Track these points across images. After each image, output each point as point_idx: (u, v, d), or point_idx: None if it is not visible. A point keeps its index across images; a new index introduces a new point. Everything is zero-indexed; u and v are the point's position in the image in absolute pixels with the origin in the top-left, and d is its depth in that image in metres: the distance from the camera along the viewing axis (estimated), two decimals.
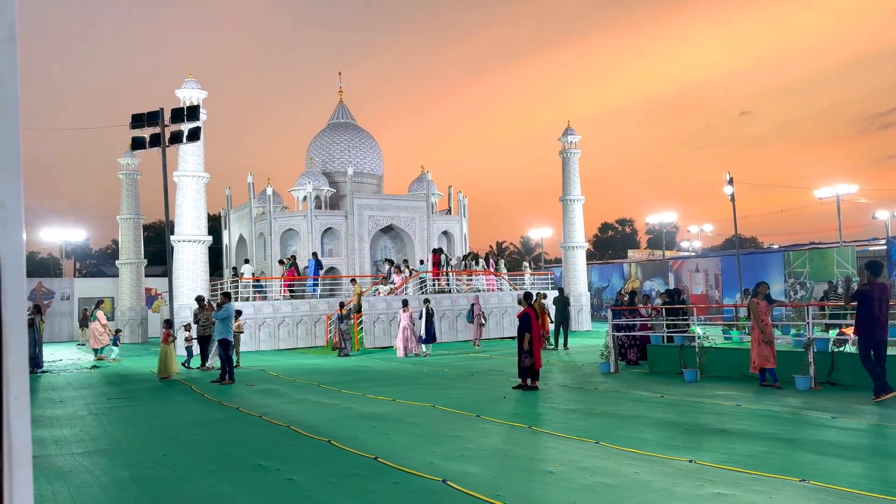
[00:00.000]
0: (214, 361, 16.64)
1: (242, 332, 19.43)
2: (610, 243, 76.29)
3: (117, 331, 22.63)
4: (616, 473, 6.06)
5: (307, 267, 25.70)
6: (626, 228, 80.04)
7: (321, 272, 25.81)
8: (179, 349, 18.02)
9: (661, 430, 8.05)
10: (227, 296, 15.09)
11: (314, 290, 25.05)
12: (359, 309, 22.92)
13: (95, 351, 21.55)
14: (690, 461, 6.37)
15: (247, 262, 27.30)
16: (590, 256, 46.62)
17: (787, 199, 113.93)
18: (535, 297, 21.41)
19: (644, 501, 5.22)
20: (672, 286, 30.41)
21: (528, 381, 11.80)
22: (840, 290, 26.10)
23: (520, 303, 12.56)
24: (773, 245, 48.68)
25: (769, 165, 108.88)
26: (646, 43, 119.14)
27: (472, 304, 22.54)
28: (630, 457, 6.68)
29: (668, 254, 48.34)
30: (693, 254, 46.49)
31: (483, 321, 22.48)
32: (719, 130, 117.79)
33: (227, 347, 14.32)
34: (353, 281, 24.55)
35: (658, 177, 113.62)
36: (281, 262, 25.98)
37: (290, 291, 24.91)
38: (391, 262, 26.69)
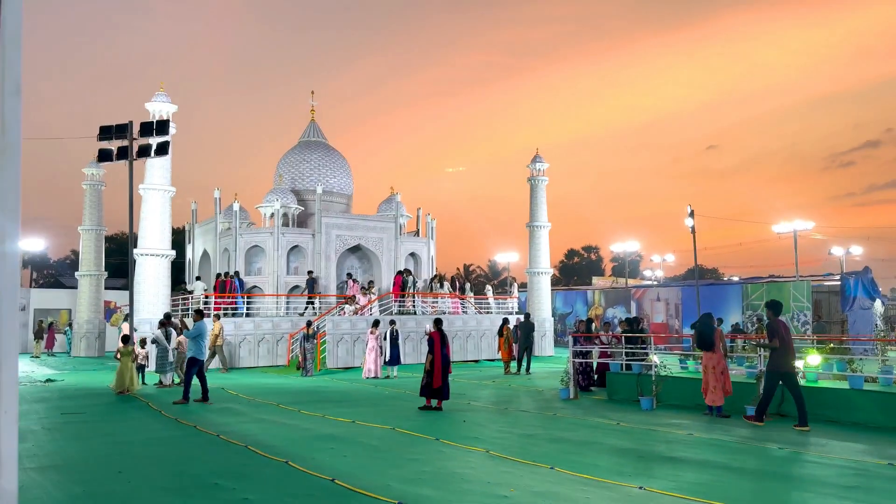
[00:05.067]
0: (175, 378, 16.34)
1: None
2: (576, 269, 77.14)
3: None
4: (567, 499, 6.21)
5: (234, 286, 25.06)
6: (592, 255, 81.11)
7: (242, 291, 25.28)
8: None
9: (615, 457, 8.25)
10: (199, 313, 14.55)
11: (240, 309, 24.47)
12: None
13: None
14: (640, 488, 6.56)
15: (198, 279, 26.89)
16: (556, 282, 47.06)
17: (747, 232, 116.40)
18: (504, 323, 21.67)
19: None
20: (634, 314, 30.87)
21: (434, 402, 12.43)
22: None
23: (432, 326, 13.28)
24: (733, 277, 49.78)
25: (733, 199, 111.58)
26: (616, 73, 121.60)
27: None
28: (583, 482, 6.84)
29: (631, 282, 49.08)
30: (655, 283, 47.26)
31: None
32: (687, 162, 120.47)
33: (192, 366, 13.66)
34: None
35: (625, 206, 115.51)
36: (218, 276, 25.41)
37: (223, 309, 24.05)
38: (351, 276, 26.68)
